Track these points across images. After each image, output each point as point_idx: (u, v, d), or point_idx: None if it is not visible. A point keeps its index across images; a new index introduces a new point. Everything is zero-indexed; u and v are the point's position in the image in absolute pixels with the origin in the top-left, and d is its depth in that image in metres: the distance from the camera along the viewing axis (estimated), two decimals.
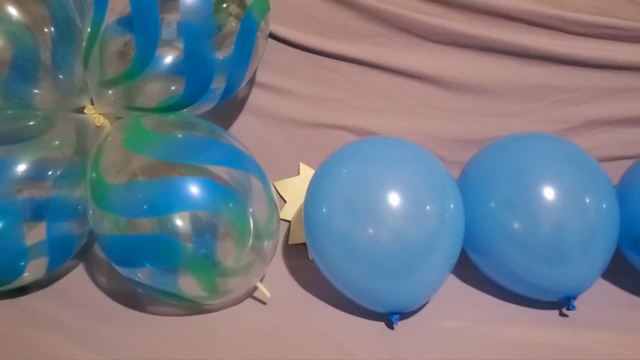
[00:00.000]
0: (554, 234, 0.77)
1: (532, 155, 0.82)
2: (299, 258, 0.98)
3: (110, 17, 0.79)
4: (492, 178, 0.82)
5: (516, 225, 0.78)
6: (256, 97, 1.06)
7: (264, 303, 0.87)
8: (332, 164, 0.83)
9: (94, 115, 0.89)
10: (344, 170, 0.80)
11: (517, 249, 0.79)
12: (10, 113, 0.87)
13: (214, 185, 0.77)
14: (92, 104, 0.90)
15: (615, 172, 0.91)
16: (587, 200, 0.78)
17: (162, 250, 0.75)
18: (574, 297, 0.81)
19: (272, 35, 1.01)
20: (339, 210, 0.77)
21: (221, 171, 0.79)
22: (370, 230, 0.75)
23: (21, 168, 0.80)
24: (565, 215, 0.77)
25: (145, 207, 0.75)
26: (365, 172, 0.78)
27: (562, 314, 0.83)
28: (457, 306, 0.86)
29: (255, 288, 0.86)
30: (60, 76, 0.86)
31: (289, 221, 1.02)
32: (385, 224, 0.74)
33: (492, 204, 0.80)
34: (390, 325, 0.82)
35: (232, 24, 0.84)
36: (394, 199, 0.75)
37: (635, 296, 0.88)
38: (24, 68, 0.83)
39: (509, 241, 0.79)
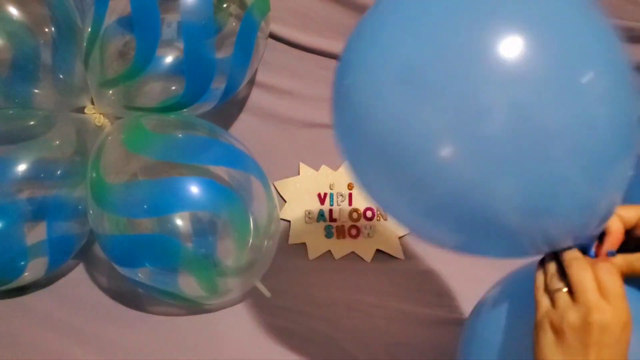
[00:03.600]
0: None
1: None
2: (299, 258, 0.98)
3: (110, 17, 0.79)
4: None
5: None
6: (256, 97, 1.06)
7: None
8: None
9: (94, 115, 0.89)
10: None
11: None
12: (10, 113, 0.87)
13: (214, 185, 0.77)
14: (93, 103, 0.90)
15: None
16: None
17: (162, 250, 0.75)
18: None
19: (272, 35, 1.01)
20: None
21: (221, 171, 0.79)
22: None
23: (21, 168, 0.80)
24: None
25: (145, 207, 0.75)
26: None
27: None
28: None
29: (255, 288, 0.86)
30: (61, 76, 0.86)
31: (289, 221, 1.02)
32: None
33: None
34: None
35: (233, 24, 0.84)
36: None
37: None
38: (24, 68, 0.83)
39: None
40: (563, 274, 0.46)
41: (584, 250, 0.47)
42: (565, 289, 0.44)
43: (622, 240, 0.48)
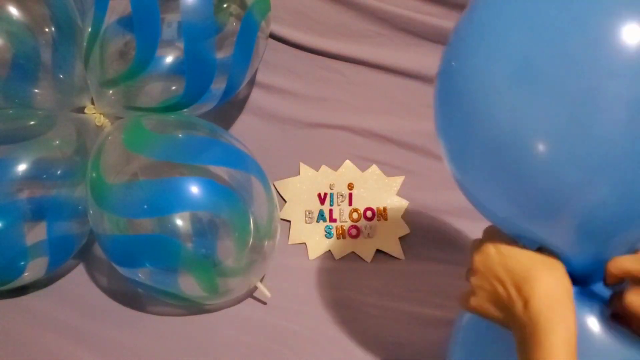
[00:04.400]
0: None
1: None
2: (299, 258, 0.98)
3: (111, 17, 0.79)
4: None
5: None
6: (256, 97, 1.06)
7: (264, 303, 0.87)
8: None
9: (95, 115, 0.89)
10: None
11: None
12: (10, 113, 0.87)
13: (214, 185, 0.77)
14: (93, 103, 0.90)
15: None
16: None
17: (162, 250, 0.75)
18: None
19: (272, 35, 1.01)
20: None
21: (221, 171, 0.79)
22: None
23: (21, 168, 0.80)
24: None
25: (145, 207, 0.75)
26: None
27: None
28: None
29: (255, 288, 0.86)
30: (61, 76, 0.86)
31: (289, 221, 1.02)
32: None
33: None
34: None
35: (233, 24, 0.84)
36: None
37: None
38: (24, 68, 0.83)
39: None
40: None
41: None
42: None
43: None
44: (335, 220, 1.01)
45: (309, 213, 1.01)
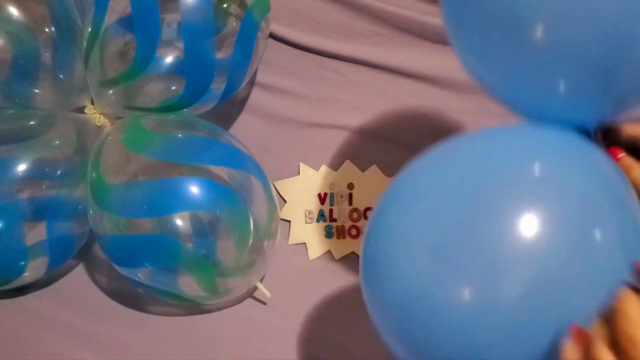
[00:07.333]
0: None
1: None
2: (299, 258, 0.98)
3: (110, 17, 0.79)
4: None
5: None
6: (256, 97, 1.06)
7: (264, 303, 0.87)
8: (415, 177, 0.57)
9: (94, 115, 0.89)
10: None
11: None
12: (10, 113, 0.87)
13: (214, 185, 0.77)
14: (93, 103, 0.90)
15: None
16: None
17: (162, 250, 0.75)
18: None
19: (272, 36, 1.01)
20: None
21: (221, 171, 0.79)
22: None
23: (21, 168, 0.80)
24: None
25: (145, 207, 0.75)
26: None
27: None
28: None
29: (255, 288, 0.86)
30: (61, 76, 0.86)
31: (289, 221, 1.02)
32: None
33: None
34: None
35: (233, 24, 0.84)
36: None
37: None
38: (24, 68, 0.83)
39: None
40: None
41: None
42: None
43: None
44: (335, 220, 1.01)
45: (309, 213, 1.01)
